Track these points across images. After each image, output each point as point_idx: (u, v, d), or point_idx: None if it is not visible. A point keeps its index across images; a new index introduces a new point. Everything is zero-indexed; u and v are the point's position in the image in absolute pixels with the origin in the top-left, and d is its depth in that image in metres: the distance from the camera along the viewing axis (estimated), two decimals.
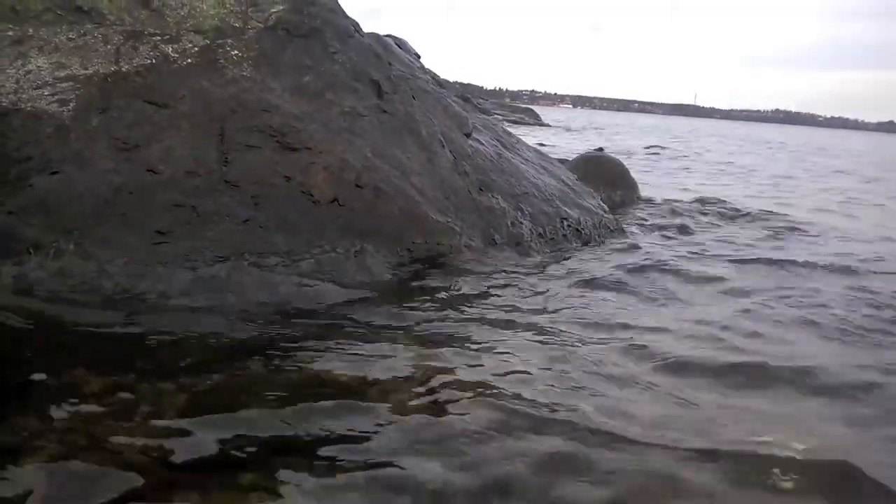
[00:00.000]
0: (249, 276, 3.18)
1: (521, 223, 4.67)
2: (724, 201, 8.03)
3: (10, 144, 3.25)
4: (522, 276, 3.90)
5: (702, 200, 8.03)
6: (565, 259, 4.48)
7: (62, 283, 2.88)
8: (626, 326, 3.17)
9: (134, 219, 3.21)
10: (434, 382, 2.35)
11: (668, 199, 7.92)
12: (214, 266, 3.15)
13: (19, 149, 3.26)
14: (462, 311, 3.21)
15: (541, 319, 3.19)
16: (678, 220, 6.67)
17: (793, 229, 6.63)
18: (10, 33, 3.67)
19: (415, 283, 3.55)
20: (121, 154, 3.39)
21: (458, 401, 2.22)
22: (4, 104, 3.36)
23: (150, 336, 2.56)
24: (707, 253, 5.19)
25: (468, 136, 5.10)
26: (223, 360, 2.41)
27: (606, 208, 6.01)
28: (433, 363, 2.52)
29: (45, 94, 3.47)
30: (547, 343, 2.87)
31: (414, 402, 2.21)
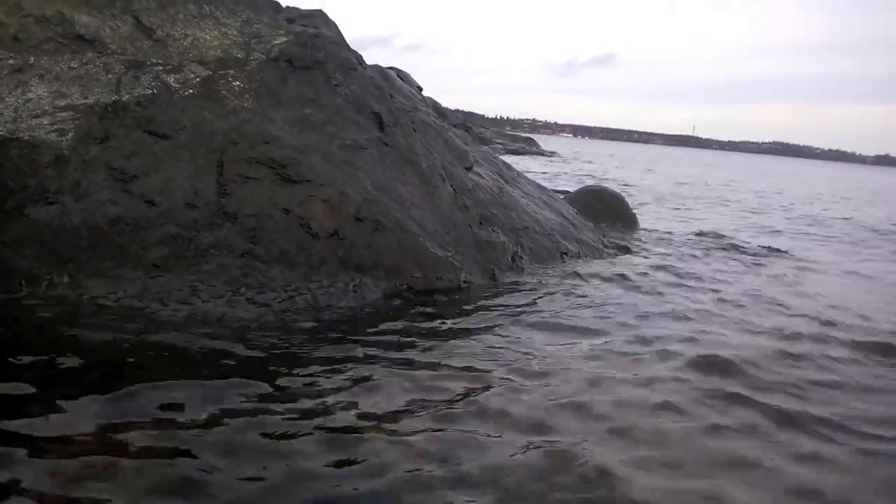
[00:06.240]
0: (246, 311, 3.13)
1: (521, 258, 4.63)
2: (723, 235, 8.01)
3: (7, 173, 3.22)
4: (524, 311, 3.85)
5: (700, 234, 8.01)
6: (563, 293, 4.42)
7: (54, 316, 2.83)
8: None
9: (130, 251, 3.17)
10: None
11: (668, 232, 7.89)
12: (210, 301, 3.10)
13: (16, 178, 3.22)
14: (461, 347, 3.15)
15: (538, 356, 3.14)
16: (677, 254, 6.63)
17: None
18: (11, 62, 3.66)
19: (413, 318, 3.50)
20: (119, 185, 3.36)
21: None
22: (2, 133, 3.33)
23: (140, 377, 2.50)
24: (704, 286, 5.14)
25: (469, 169, 5.08)
26: (216, 400, 2.34)
27: (606, 242, 5.98)
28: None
29: (44, 123, 3.45)
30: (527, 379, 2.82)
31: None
